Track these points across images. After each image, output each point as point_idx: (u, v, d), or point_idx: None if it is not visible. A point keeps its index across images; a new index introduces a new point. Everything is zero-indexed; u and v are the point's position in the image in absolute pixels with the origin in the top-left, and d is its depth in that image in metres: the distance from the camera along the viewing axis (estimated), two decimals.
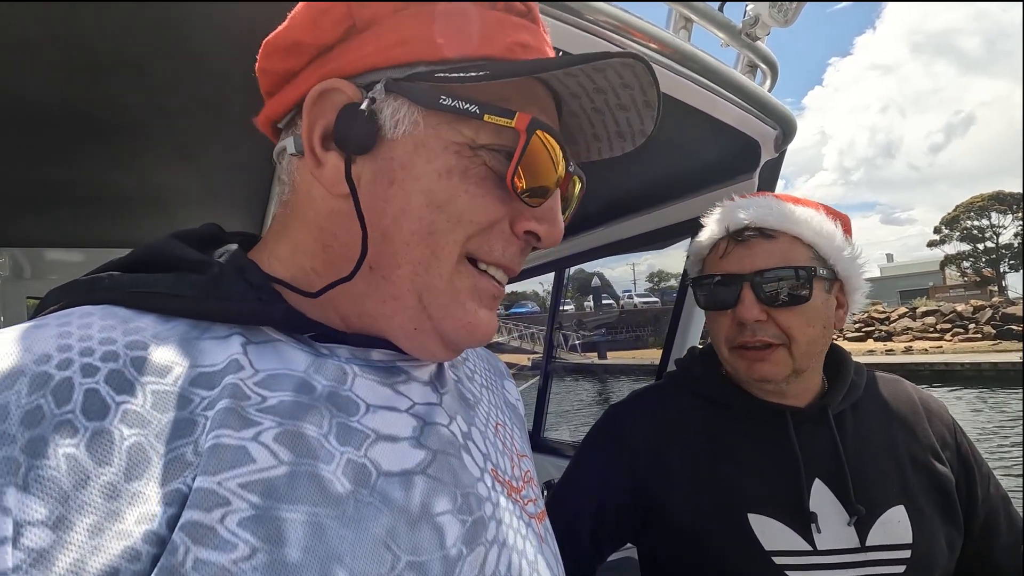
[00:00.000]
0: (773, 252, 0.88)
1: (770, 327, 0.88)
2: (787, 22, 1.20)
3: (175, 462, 0.35)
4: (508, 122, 0.43)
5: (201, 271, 0.45)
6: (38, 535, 0.30)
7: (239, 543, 0.33)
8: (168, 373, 0.38)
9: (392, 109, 0.45)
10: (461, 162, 0.45)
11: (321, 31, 0.46)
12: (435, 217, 0.44)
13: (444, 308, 0.46)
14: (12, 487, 0.30)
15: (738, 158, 1.39)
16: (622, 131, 0.52)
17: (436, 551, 0.41)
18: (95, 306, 0.41)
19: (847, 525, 0.83)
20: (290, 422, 0.40)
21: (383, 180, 0.45)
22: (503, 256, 0.48)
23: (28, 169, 1.33)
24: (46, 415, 0.32)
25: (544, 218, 0.48)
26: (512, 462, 0.56)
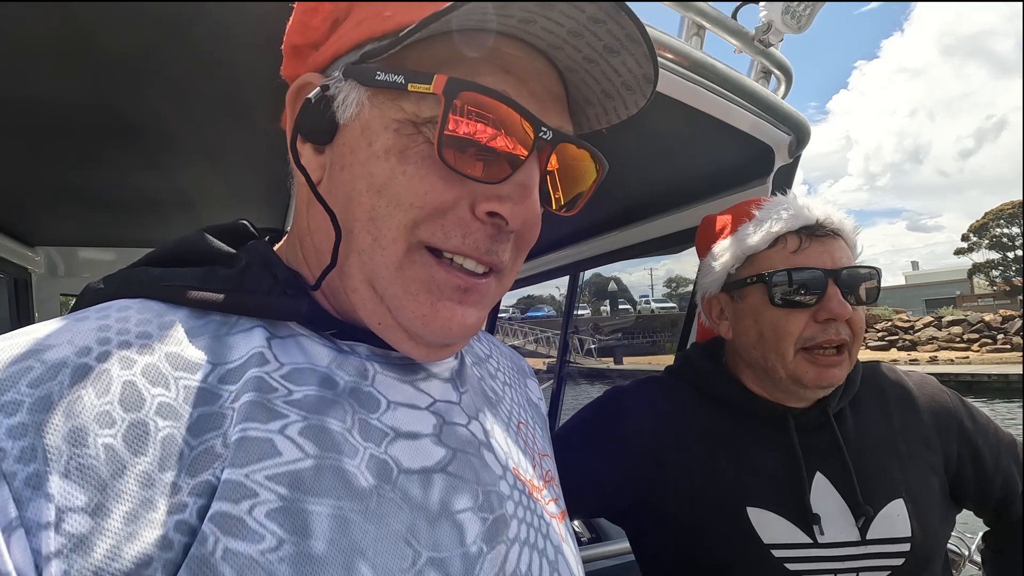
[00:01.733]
0: (843, 250, 0.88)
1: (845, 327, 0.86)
2: (800, 28, 1.21)
3: (205, 454, 0.35)
4: (426, 87, 0.39)
5: (230, 265, 0.46)
6: (79, 521, 0.31)
7: (267, 534, 0.34)
8: (198, 368, 0.39)
9: (344, 95, 0.44)
10: (400, 140, 0.42)
11: (311, 31, 0.46)
12: (375, 201, 0.42)
13: (396, 300, 0.43)
14: (55, 474, 0.31)
15: (752, 164, 1.40)
16: (627, 81, 0.46)
17: (456, 548, 0.41)
18: (132, 300, 0.42)
19: (850, 520, 0.84)
20: (315, 416, 0.40)
21: (337, 167, 0.45)
22: (464, 244, 0.43)
23: (62, 173, 1.39)
24: (87, 406, 0.34)
25: (508, 196, 0.42)
26: (534, 461, 0.56)
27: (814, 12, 1.18)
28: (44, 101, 1.01)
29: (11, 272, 1.96)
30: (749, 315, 0.92)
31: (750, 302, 0.92)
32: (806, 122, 1.33)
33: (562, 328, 2.85)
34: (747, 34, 1.24)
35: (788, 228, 0.89)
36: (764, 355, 0.90)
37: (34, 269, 2.05)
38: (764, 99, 1.25)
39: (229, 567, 0.32)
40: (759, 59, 1.28)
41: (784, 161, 1.39)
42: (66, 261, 2.11)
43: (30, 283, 2.05)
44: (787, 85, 1.35)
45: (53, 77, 0.92)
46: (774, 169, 1.39)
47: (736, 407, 0.95)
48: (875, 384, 0.98)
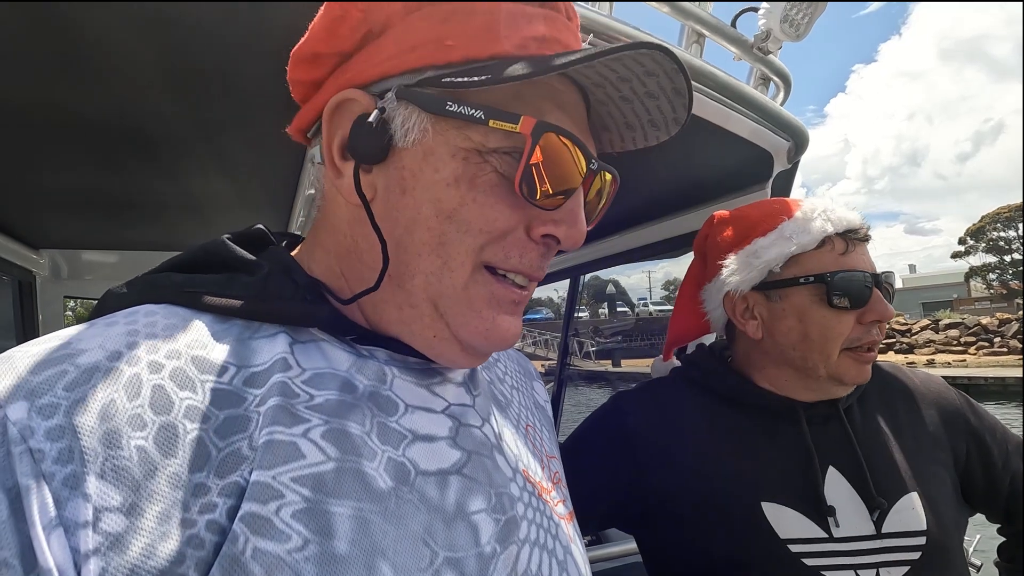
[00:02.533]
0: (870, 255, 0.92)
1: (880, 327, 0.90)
2: (799, 36, 1.23)
3: (232, 456, 0.36)
4: (513, 127, 0.42)
5: (251, 272, 0.47)
6: (114, 520, 0.32)
7: (293, 534, 0.35)
8: (224, 372, 0.40)
9: (403, 118, 0.44)
10: (469, 169, 0.44)
11: (338, 39, 0.46)
12: (445, 227, 0.44)
13: (460, 316, 0.46)
14: (92, 475, 0.32)
15: (751, 169, 1.42)
16: (654, 119, 0.49)
17: (472, 548, 0.42)
18: (158, 305, 0.43)
19: (864, 513, 0.84)
20: (336, 420, 0.41)
21: (395, 190, 0.45)
22: (521, 263, 0.46)
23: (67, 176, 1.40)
24: (119, 409, 0.35)
25: (563, 220, 0.46)
26: (542, 463, 0.57)
27: (812, 20, 1.19)
28: (50, 105, 1.02)
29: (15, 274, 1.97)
30: (792, 315, 0.91)
31: (794, 302, 0.90)
32: (804, 128, 1.35)
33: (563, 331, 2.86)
34: (746, 42, 1.26)
35: (833, 231, 0.89)
36: (805, 355, 0.90)
37: (38, 271, 2.06)
38: (763, 106, 1.27)
39: (259, 566, 0.33)
40: (758, 66, 1.30)
41: (783, 167, 1.41)
42: (70, 263, 2.12)
43: (34, 285, 2.05)
44: (786, 92, 1.37)
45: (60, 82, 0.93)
46: (773, 174, 1.41)
47: (745, 403, 0.95)
48: (881, 381, 0.98)
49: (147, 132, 1.17)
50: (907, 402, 0.96)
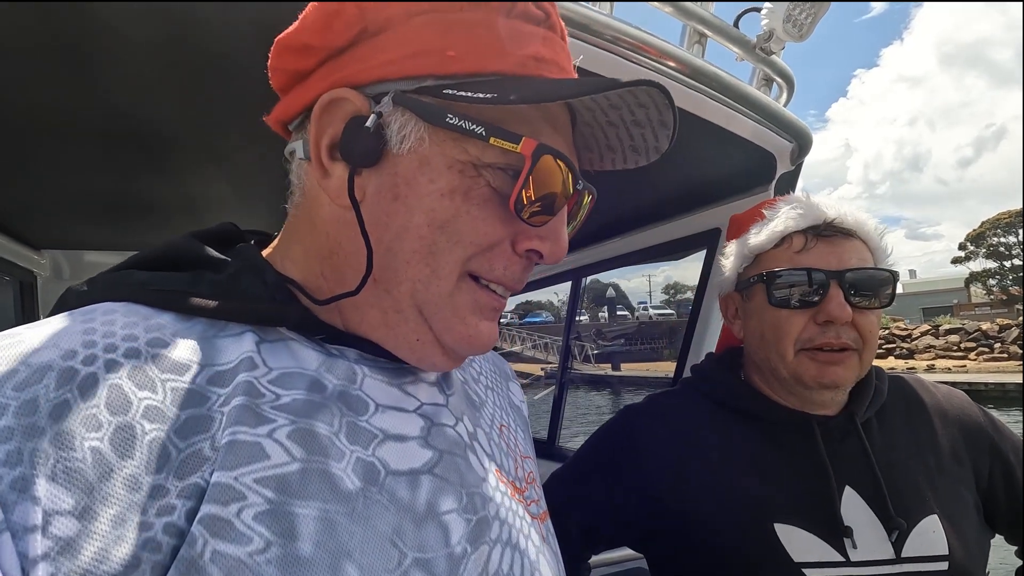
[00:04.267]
0: (855, 251, 0.85)
1: (851, 330, 0.83)
2: (802, 36, 1.22)
3: (193, 457, 0.35)
4: (514, 147, 0.43)
5: (219, 270, 0.46)
6: (65, 524, 0.31)
7: (254, 536, 0.34)
8: (186, 371, 0.39)
9: (399, 124, 0.44)
10: (464, 182, 0.44)
11: (333, 34, 0.45)
12: (436, 237, 0.44)
13: (445, 322, 0.46)
14: (42, 477, 0.31)
15: (754, 170, 1.42)
16: (636, 146, 0.51)
17: (441, 549, 0.42)
18: (118, 303, 0.42)
19: (883, 536, 0.80)
20: (303, 420, 0.40)
21: (387, 195, 0.45)
22: (504, 275, 0.47)
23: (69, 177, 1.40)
24: (73, 409, 0.33)
25: (547, 237, 0.47)
26: (516, 463, 0.57)
27: (816, 20, 1.19)
28: (53, 107, 1.02)
29: (17, 275, 1.97)
30: (755, 315, 0.91)
31: (755, 302, 0.91)
32: (808, 129, 1.35)
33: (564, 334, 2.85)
34: (749, 42, 1.26)
35: (795, 227, 0.87)
36: (767, 355, 0.89)
37: (40, 272, 2.06)
38: (766, 107, 1.26)
39: (217, 569, 0.32)
40: (761, 67, 1.30)
41: (786, 168, 1.40)
42: (71, 264, 2.12)
43: (35, 286, 2.05)
44: (789, 93, 1.36)
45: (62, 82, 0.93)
46: (776, 176, 1.41)
47: (757, 417, 0.90)
48: (902, 396, 0.94)
49: (148, 134, 1.17)
50: (928, 418, 0.91)
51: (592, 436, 1.04)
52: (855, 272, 0.83)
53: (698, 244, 1.68)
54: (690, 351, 1.75)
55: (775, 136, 1.31)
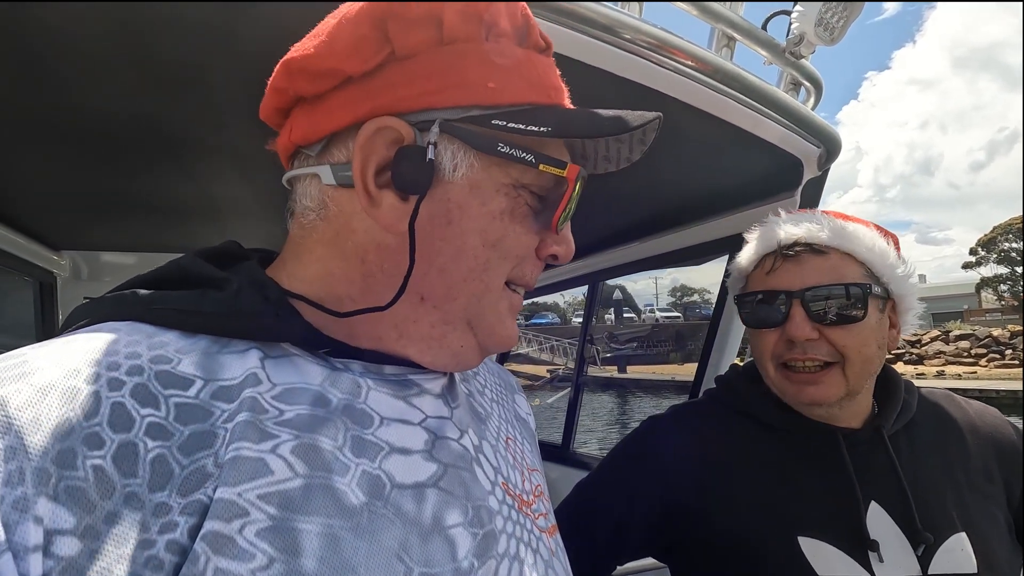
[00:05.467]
0: (824, 268, 0.85)
1: (822, 345, 0.84)
2: (833, 40, 1.20)
3: (196, 473, 0.35)
4: (561, 172, 0.48)
5: (222, 288, 0.46)
6: (67, 544, 0.31)
7: (257, 553, 0.34)
8: (190, 386, 0.39)
9: (450, 152, 0.46)
10: (510, 203, 0.48)
11: (360, 59, 0.45)
12: (490, 255, 0.48)
13: (490, 328, 0.50)
14: (44, 497, 0.31)
15: (780, 176, 1.40)
16: (610, 156, 0.55)
17: (448, 563, 0.41)
18: (121, 322, 0.42)
19: (909, 552, 0.79)
20: (306, 435, 0.40)
21: (440, 220, 0.46)
22: (530, 278, 0.52)
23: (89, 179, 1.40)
24: (75, 428, 0.34)
25: (562, 240, 0.53)
26: (523, 476, 0.56)
27: (848, 23, 1.17)
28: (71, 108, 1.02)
29: (37, 275, 1.98)
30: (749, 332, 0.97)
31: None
32: (836, 134, 1.33)
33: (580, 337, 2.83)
34: (777, 46, 1.24)
35: (764, 250, 0.90)
36: (759, 370, 0.94)
37: (59, 272, 2.08)
38: (793, 111, 1.24)
39: None
40: (789, 70, 1.27)
41: (813, 173, 1.38)
42: (90, 265, 2.14)
43: (55, 286, 2.07)
44: (816, 97, 1.34)
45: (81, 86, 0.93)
46: (803, 182, 1.39)
47: (782, 429, 0.90)
48: (933, 411, 0.93)
49: (168, 136, 1.17)
50: (959, 435, 0.90)
51: (617, 445, 1.04)
52: (814, 290, 0.85)
53: (720, 249, 1.66)
54: (710, 358, 1.74)
55: (802, 141, 1.29)
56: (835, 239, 0.86)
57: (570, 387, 2.73)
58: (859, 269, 0.86)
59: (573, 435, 2.64)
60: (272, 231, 1.90)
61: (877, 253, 0.87)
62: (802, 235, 0.87)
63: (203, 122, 1.12)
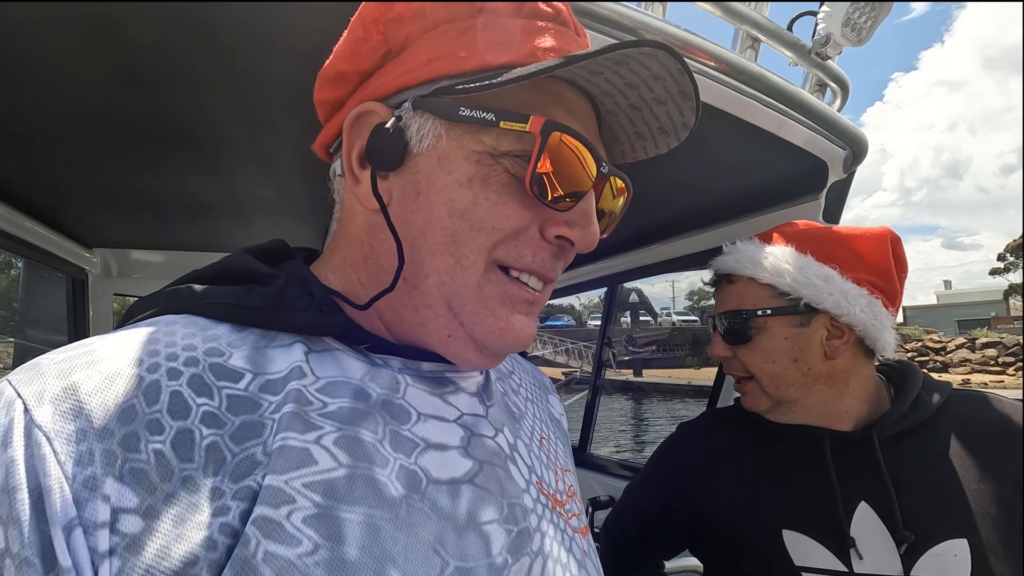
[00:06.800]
0: (731, 296, 1.00)
1: (736, 363, 0.99)
2: (860, 41, 1.19)
3: (247, 461, 0.37)
4: (522, 126, 0.43)
5: (268, 284, 0.48)
6: (131, 521, 0.33)
7: (303, 539, 0.35)
8: (241, 378, 0.41)
9: (418, 125, 0.46)
10: (482, 170, 0.45)
11: (360, 59, 0.49)
12: (458, 226, 0.45)
13: (474, 315, 0.47)
14: (111, 477, 0.33)
15: (805, 178, 1.38)
16: (664, 126, 0.50)
17: (483, 558, 0.42)
18: (177, 315, 0.45)
19: (893, 552, 0.81)
20: (348, 427, 0.42)
21: (410, 193, 0.47)
22: (534, 262, 0.47)
23: (120, 178, 1.44)
24: (138, 414, 0.36)
25: (575, 222, 0.47)
26: (556, 476, 0.57)
27: (876, 24, 1.16)
28: (104, 110, 1.04)
29: (69, 272, 2.04)
30: None
31: None
32: (863, 136, 1.31)
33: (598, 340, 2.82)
34: (803, 46, 1.22)
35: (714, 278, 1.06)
36: None
37: (90, 269, 2.13)
38: (819, 112, 1.23)
39: (269, 569, 0.34)
40: (815, 72, 1.26)
41: (838, 176, 1.36)
42: (120, 262, 2.19)
43: (86, 282, 2.12)
44: (843, 98, 1.32)
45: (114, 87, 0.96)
46: (827, 184, 1.37)
47: (779, 434, 0.98)
48: (964, 413, 0.91)
49: (196, 137, 1.19)
50: (996, 438, 0.88)
51: (655, 450, 1.17)
52: (722, 316, 1.00)
53: None
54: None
55: (828, 143, 1.28)
56: (739, 267, 0.98)
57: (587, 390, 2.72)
58: (763, 292, 0.95)
59: (590, 438, 2.63)
60: (296, 230, 1.93)
61: (779, 274, 0.93)
62: (719, 267, 1.03)
63: (230, 124, 1.14)
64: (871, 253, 0.93)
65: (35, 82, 0.93)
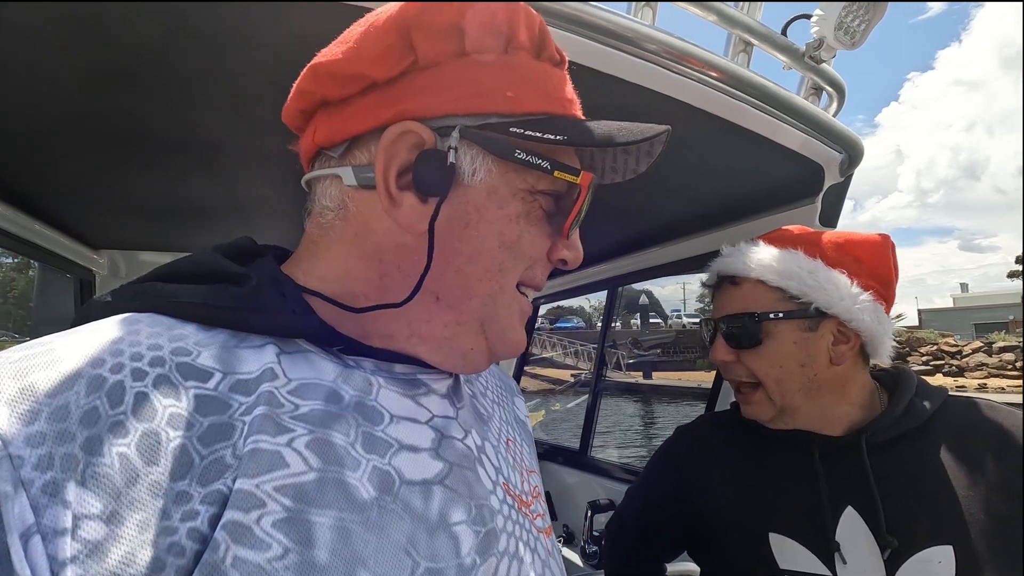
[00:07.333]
0: (735, 298, 0.96)
1: (740, 368, 0.95)
2: (854, 44, 1.18)
3: (216, 464, 0.36)
4: (575, 179, 0.49)
5: (240, 283, 0.47)
6: (94, 528, 0.32)
7: (273, 543, 0.35)
8: (209, 379, 0.40)
9: (470, 157, 0.48)
10: (526, 207, 0.50)
11: (386, 65, 0.47)
12: (505, 256, 0.49)
13: (501, 332, 0.51)
14: (72, 482, 0.32)
15: (801, 182, 1.38)
16: (617, 167, 0.57)
17: (452, 559, 0.42)
18: (142, 314, 0.43)
19: (877, 557, 0.81)
20: (320, 430, 0.41)
21: (459, 222, 0.48)
22: (540, 280, 0.54)
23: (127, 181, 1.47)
24: (102, 416, 0.35)
25: (572, 246, 0.54)
26: (522, 477, 0.58)
27: (870, 27, 1.15)
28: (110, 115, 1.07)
29: (77, 273, 2.08)
30: None
31: None
32: (858, 140, 1.30)
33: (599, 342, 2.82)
34: (797, 50, 1.22)
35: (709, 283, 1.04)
36: None
37: (98, 271, 2.17)
38: (814, 117, 1.23)
39: (238, 574, 0.33)
40: (809, 75, 1.26)
41: (835, 180, 1.36)
42: (127, 263, 2.22)
43: (94, 284, 2.16)
44: (839, 102, 1.32)
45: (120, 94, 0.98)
46: (824, 188, 1.37)
47: (771, 438, 0.98)
48: (959, 419, 0.90)
49: (200, 140, 1.22)
50: (990, 446, 0.87)
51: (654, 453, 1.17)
52: (725, 319, 0.96)
53: None
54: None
55: (823, 147, 1.28)
56: (746, 269, 0.95)
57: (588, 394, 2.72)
58: (771, 295, 0.92)
59: (591, 441, 2.63)
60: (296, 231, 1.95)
61: (793, 276, 0.91)
62: (721, 269, 1.00)
63: (233, 128, 1.16)
64: (874, 259, 0.93)
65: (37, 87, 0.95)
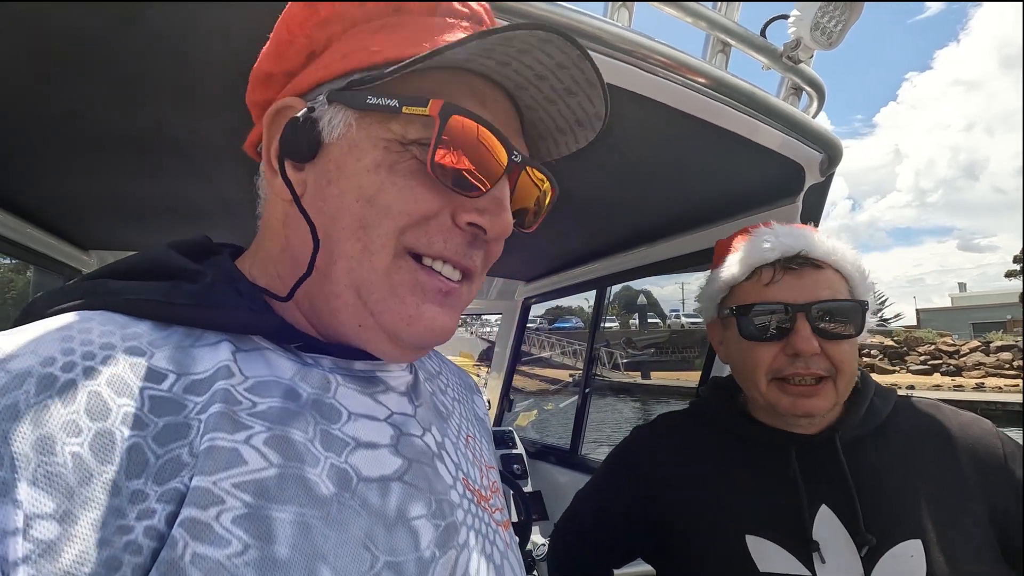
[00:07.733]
0: (823, 283, 0.87)
1: (822, 360, 0.85)
2: (831, 44, 1.19)
3: (172, 462, 0.36)
4: (422, 110, 0.44)
5: (195, 280, 0.46)
6: (46, 527, 0.31)
7: (233, 539, 0.35)
8: (164, 379, 0.40)
9: (330, 116, 0.47)
10: (390, 157, 0.46)
11: (286, 60, 0.50)
12: (365, 211, 0.45)
13: (382, 303, 0.46)
14: (23, 482, 0.31)
15: (782, 182, 1.39)
16: (579, 118, 0.53)
17: (412, 552, 0.43)
18: (93, 311, 0.42)
19: (854, 554, 0.81)
20: (279, 427, 0.42)
21: (322, 181, 0.47)
22: (445, 248, 0.47)
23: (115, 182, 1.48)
24: (53, 414, 0.34)
25: (487, 209, 0.47)
26: (481, 472, 0.58)
27: (847, 27, 1.16)
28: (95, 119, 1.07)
29: (66, 273, 2.08)
30: (732, 343, 0.95)
31: (732, 332, 0.94)
32: (837, 140, 1.31)
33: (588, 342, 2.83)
34: (775, 51, 1.23)
35: (763, 260, 0.90)
36: (744, 382, 0.94)
37: (87, 271, 2.18)
38: (792, 117, 1.24)
39: (197, 570, 0.33)
40: (789, 76, 1.27)
41: (815, 180, 1.37)
42: None
43: None
44: (819, 102, 1.33)
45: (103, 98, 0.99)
46: (804, 188, 1.38)
47: (743, 437, 0.95)
48: (908, 419, 0.92)
49: (185, 143, 1.22)
50: (934, 445, 0.89)
51: (608, 454, 1.12)
52: (821, 304, 0.85)
53: None
54: (714, 363, 1.73)
55: (803, 147, 1.28)
56: (830, 254, 0.89)
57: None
58: (846, 285, 0.89)
59: (581, 440, 2.63)
60: None
61: (859, 271, 0.90)
62: (803, 248, 0.88)
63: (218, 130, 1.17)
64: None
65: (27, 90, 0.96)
